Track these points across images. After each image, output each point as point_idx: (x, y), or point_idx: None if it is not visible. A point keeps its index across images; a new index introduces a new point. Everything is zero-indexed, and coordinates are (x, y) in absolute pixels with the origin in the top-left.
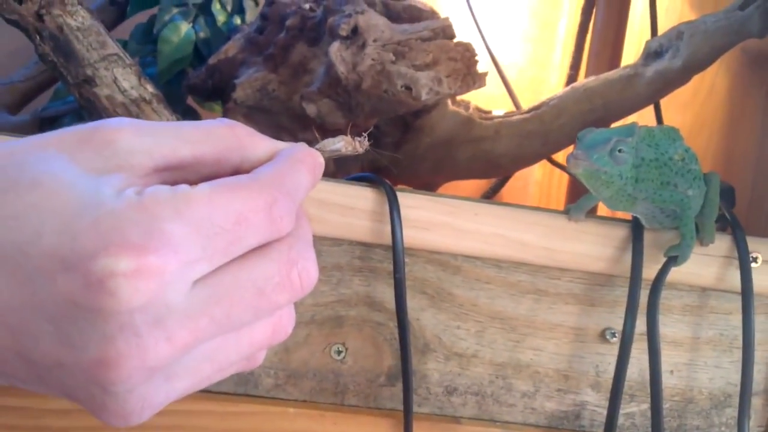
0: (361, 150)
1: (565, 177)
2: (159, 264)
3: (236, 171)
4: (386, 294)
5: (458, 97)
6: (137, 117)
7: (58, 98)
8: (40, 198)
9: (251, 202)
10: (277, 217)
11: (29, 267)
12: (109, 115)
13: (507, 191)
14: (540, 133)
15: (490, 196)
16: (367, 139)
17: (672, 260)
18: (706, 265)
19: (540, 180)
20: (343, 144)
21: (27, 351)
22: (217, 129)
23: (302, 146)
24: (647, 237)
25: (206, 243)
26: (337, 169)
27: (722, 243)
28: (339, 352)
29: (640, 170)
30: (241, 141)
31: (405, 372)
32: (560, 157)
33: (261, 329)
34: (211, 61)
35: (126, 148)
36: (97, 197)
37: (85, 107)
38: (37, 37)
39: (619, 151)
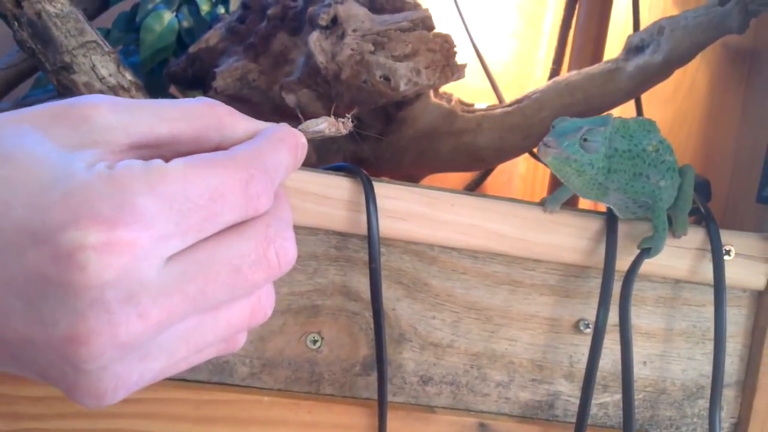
0: (344, 131)
1: (549, 171)
2: (130, 238)
3: (215, 150)
4: (362, 284)
5: (441, 90)
6: None
7: (39, 86)
8: (11, 171)
9: (227, 179)
10: (254, 194)
11: (1, 240)
12: None
13: (491, 185)
14: (522, 127)
15: (472, 188)
16: (351, 120)
17: (645, 252)
18: (679, 257)
19: (524, 174)
20: (326, 125)
21: None
22: (196, 108)
23: (284, 126)
24: (621, 229)
25: (179, 218)
26: (319, 159)
27: (696, 235)
28: (314, 342)
29: (612, 161)
30: (220, 120)
31: (379, 361)
32: None
33: (239, 310)
34: (192, 49)
35: (102, 123)
36: (68, 171)
37: (63, 94)
38: (15, 23)
39: (585, 140)
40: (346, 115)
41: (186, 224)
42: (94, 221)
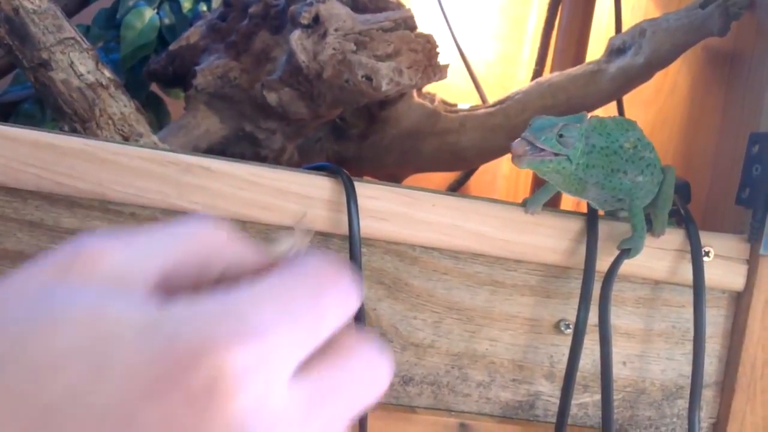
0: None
1: (532, 171)
2: (262, 352)
3: (221, 276)
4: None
5: (424, 90)
6: (93, 102)
7: (18, 83)
8: (77, 334)
9: (319, 276)
10: (345, 288)
11: (95, 411)
12: (64, 100)
13: (474, 185)
14: (504, 127)
15: (455, 188)
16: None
17: (625, 253)
18: (659, 258)
19: (507, 174)
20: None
21: None
22: (197, 235)
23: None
24: (602, 230)
25: (295, 324)
26: (301, 158)
27: (675, 237)
28: None
29: (590, 156)
30: (224, 242)
31: None
32: None
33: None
34: (172, 47)
35: (115, 267)
36: (149, 314)
37: (40, 92)
38: None
39: (561, 135)
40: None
41: (302, 330)
42: (223, 346)
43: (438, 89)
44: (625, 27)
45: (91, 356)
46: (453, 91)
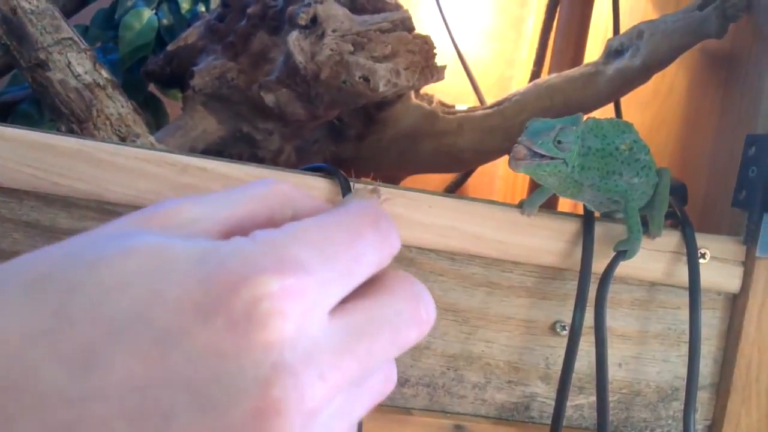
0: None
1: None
2: (300, 285)
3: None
4: None
5: (422, 91)
6: (91, 102)
7: (16, 83)
8: (142, 262)
9: (357, 220)
10: (386, 232)
11: (154, 332)
12: (61, 100)
13: (472, 186)
14: (502, 129)
15: (452, 190)
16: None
17: (621, 254)
18: (655, 260)
19: (505, 175)
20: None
21: None
22: (263, 190)
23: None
24: (598, 231)
25: (333, 262)
26: (299, 159)
27: (671, 239)
28: None
29: (586, 159)
30: (287, 195)
31: None
32: None
33: (377, 378)
34: (170, 47)
35: (189, 217)
36: (204, 247)
37: (37, 92)
38: None
39: (559, 141)
40: (373, 187)
41: (339, 268)
42: (262, 274)
43: (436, 90)
44: (623, 29)
45: (152, 281)
46: (451, 92)
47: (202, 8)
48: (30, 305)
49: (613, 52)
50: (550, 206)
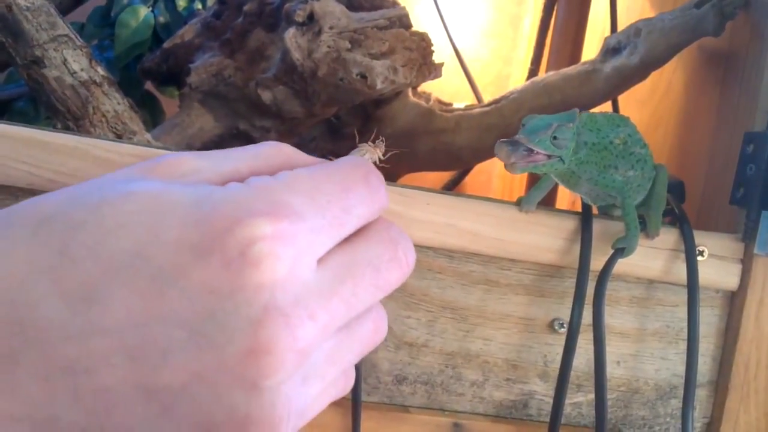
0: (379, 156)
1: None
2: (292, 230)
3: None
4: None
5: (419, 89)
6: (87, 99)
7: (12, 81)
8: (142, 204)
9: (349, 174)
10: (375, 186)
11: (152, 270)
12: (57, 98)
13: (469, 184)
14: (500, 127)
15: (450, 188)
16: (382, 141)
17: (619, 252)
18: (653, 257)
19: (502, 173)
20: (368, 155)
21: (151, 376)
22: (264, 149)
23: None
24: (596, 229)
25: (323, 211)
26: None
27: (669, 236)
28: None
29: (582, 154)
30: (289, 156)
31: None
32: None
33: (366, 326)
34: (167, 45)
35: (191, 167)
36: (202, 190)
37: (33, 89)
38: None
39: (555, 138)
40: (379, 139)
41: (330, 217)
42: (256, 217)
43: (433, 88)
44: (620, 27)
45: (151, 222)
46: (448, 90)
47: (198, 5)
48: (35, 243)
49: (610, 50)
50: (548, 203)
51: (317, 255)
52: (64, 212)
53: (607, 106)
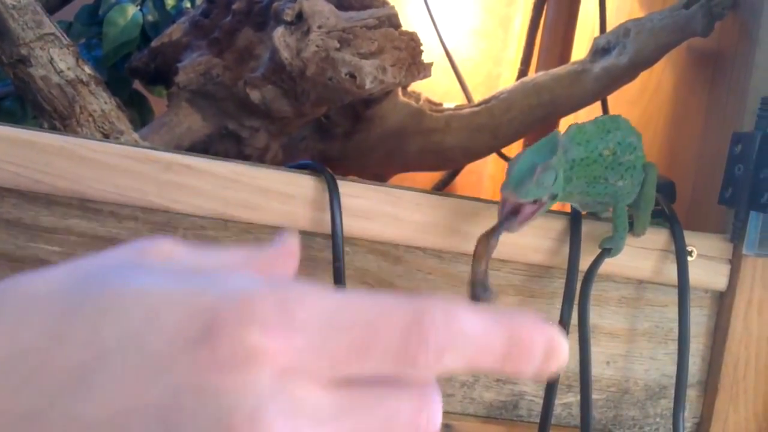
0: None
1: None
2: (291, 346)
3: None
4: (326, 283)
5: (409, 89)
6: (73, 99)
7: None
8: (140, 293)
9: (388, 314)
10: (417, 344)
11: (143, 357)
12: (44, 97)
13: (460, 185)
14: (490, 127)
15: (440, 188)
16: None
17: (606, 252)
18: (643, 258)
19: (493, 173)
20: None
21: None
22: (250, 255)
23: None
24: (585, 229)
25: (331, 339)
26: (286, 157)
27: (659, 237)
28: None
29: (571, 171)
30: (270, 266)
31: None
32: (511, 150)
33: None
34: (154, 44)
35: (189, 254)
36: (202, 282)
37: (20, 88)
38: None
39: (541, 182)
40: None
41: (337, 345)
42: (255, 321)
43: (423, 88)
44: (609, 27)
45: (149, 311)
46: (438, 90)
47: (187, 4)
48: (23, 324)
49: (599, 51)
50: None
51: (316, 378)
52: (60, 296)
53: (596, 106)
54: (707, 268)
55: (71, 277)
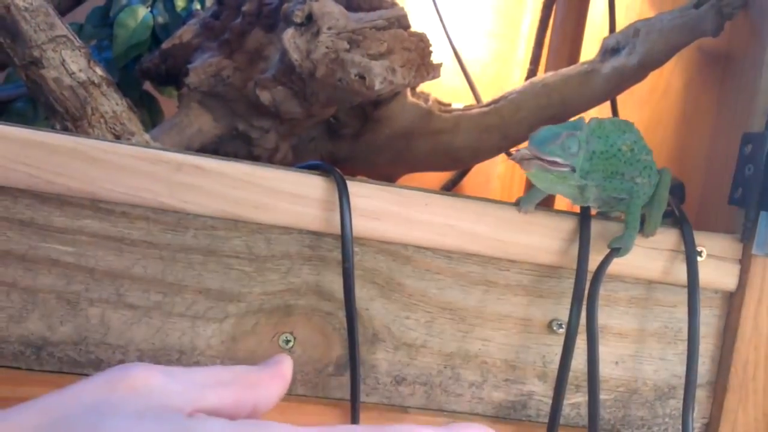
0: None
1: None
2: None
3: (252, 413)
4: (336, 283)
5: (418, 89)
6: (85, 100)
7: (10, 81)
8: None
9: None
10: None
11: None
12: (56, 98)
13: (468, 185)
14: (499, 127)
15: (449, 188)
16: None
17: (614, 252)
18: (652, 258)
19: (501, 174)
20: None
21: None
22: (234, 376)
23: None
24: (594, 229)
25: None
26: (295, 158)
27: (669, 237)
28: (287, 342)
29: (590, 162)
30: (255, 387)
31: (352, 361)
32: None
33: None
34: (165, 45)
35: (161, 388)
36: (177, 423)
37: (31, 90)
38: None
39: (564, 147)
40: None
41: None
42: None
43: (432, 89)
44: (619, 27)
45: None
46: (447, 90)
47: (197, 6)
48: None
49: (609, 51)
50: (547, 204)
51: None
52: None
53: (605, 107)
54: (717, 269)
55: (40, 425)
